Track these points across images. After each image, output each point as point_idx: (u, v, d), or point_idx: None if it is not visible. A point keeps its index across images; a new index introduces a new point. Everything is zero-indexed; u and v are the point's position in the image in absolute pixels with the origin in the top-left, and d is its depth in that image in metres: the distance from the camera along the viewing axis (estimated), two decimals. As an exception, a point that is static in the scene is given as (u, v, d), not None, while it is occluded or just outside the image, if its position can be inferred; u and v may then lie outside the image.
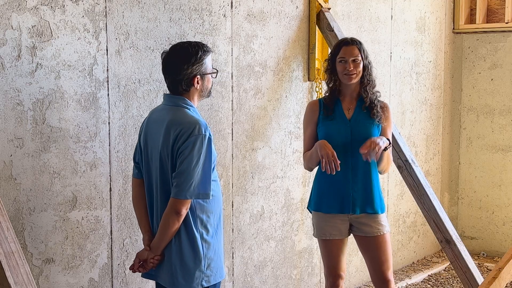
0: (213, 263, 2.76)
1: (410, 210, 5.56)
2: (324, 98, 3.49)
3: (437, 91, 5.79)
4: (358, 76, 3.37)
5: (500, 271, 3.51)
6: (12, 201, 2.84)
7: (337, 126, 3.39)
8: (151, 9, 3.36)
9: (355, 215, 3.40)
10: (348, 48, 3.37)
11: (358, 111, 3.39)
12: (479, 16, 5.86)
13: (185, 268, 2.71)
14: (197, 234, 2.71)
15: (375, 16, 4.97)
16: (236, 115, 3.90)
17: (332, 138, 3.37)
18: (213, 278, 2.76)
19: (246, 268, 4.07)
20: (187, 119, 2.68)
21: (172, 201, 2.66)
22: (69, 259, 3.08)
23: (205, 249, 2.73)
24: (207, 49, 2.78)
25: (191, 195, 2.64)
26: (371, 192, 3.39)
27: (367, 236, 3.41)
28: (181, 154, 2.64)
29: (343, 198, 3.39)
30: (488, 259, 5.89)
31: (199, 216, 2.72)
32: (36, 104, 2.89)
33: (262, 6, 4.01)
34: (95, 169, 3.14)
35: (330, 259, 3.47)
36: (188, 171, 2.62)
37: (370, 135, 3.34)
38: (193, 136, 2.63)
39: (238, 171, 3.95)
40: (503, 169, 5.88)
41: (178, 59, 2.73)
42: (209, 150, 2.66)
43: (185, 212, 2.66)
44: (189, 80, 2.73)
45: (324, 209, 3.43)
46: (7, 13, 2.76)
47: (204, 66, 2.75)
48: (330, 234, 3.43)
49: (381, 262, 3.43)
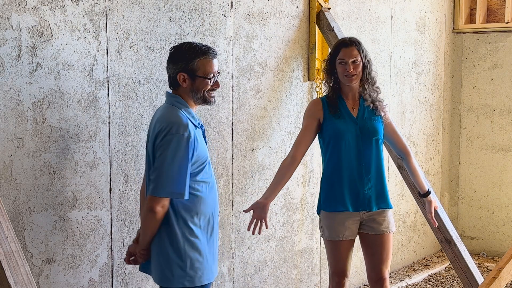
0: (198, 264, 2.75)
1: (410, 210, 5.56)
2: (327, 97, 3.47)
3: (437, 91, 5.80)
4: (358, 77, 3.38)
5: (500, 271, 3.52)
6: (12, 201, 2.84)
7: (346, 124, 3.39)
8: (151, 9, 3.36)
9: (369, 212, 3.41)
10: (347, 49, 3.37)
11: (362, 109, 3.42)
12: (479, 16, 5.86)
13: (167, 265, 2.74)
14: (179, 232, 2.72)
15: (375, 16, 4.97)
16: (236, 115, 3.90)
17: (343, 136, 3.38)
18: (197, 280, 2.75)
19: (246, 268, 4.07)
20: (170, 118, 2.70)
21: (148, 197, 2.70)
22: (69, 259, 3.08)
23: (188, 249, 2.73)
24: (205, 51, 2.77)
25: (164, 193, 2.66)
26: (384, 187, 3.46)
27: (375, 234, 3.44)
28: (158, 152, 2.68)
29: (358, 196, 3.39)
30: (488, 259, 5.89)
31: (181, 216, 2.73)
32: (36, 104, 2.89)
33: (262, 6, 4.01)
34: (95, 169, 3.14)
35: (340, 260, 3.46)
36: (161, 169, 2.65)
37: (377, 132, 3.41)
38: (170, 135, 2.65)
39: (238, 171, 3.95)
40: (503, 169, 5.88)
41: (173, 53, 2.81)
42: (186, 150, 2.65)
43: (160, 209, 2.67)
44: (174, 77, 2.79)
45: (339, 208, 3.39)
46: (7, 13, 2.76)
47: (191, 66, 2.74)
48: (343, 235, 3.41)
49: (382, 260, 3.47)
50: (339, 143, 3.39)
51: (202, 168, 2.78)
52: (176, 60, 2.77)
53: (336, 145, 3.40)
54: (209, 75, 2.77)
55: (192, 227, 2.74)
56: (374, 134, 3.40)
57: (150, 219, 2.70)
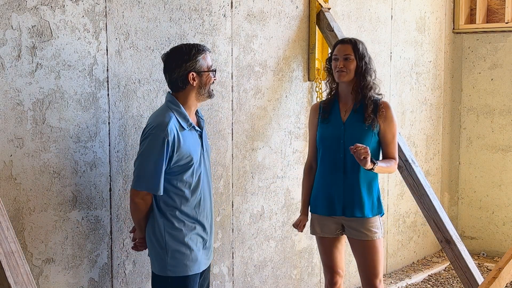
0: (179, 255, 2.89)
1: (410, 210, 5.56)
2: (323, 101, 3.53)
3: (437, 91, 5.79)
4: (349, 74, 3.34)
5: (500, 271, 3.52)
6: (12, 201, 2.84)
7: (331, 129, 3.41)
8: (151, 9, 3.36)
9: (345, 218, 3.42)
10: (342, 46, 3.39)
11: (353, 114, 3.38)
12: (479, 16, 5.86)
13: (153, 254, 2.94)
14: (161, 224, 2.89)
15: (375, 16, 4.97)
16: (236, 115, 3.90)
17: (325, 141, 3.42)
18: (181, 270, 2.90)
19: (246, 268, 4.07)
20: (156, 117, 2.88)
21: (130, 189, 2.92)
22: (69, 259, 3.08)
23: (169, 240, 2.89)
24: (202, 48, 2.92)
25: (141, 187, 2.84)
26: (361, 196, 3.37)
27: (356, 239, 3.43)
28: (140, 145, 2.88)
29: (333, 201, 3.42)
30: (488, 259, 5.89)
31: (162, 210, 2.90)
32: (36, 104, 2.89)
33: (262, 6, 4.01)
34: (95, 169, 3.14)
35: (325, 256, 3.54)
36: (139, 164, 2.85)
37: (362, 139, 3.30)
38: (148, 133, 2.82)
39: (238, 171, 3.95)
40: (503, 169, 5.88)
41: (173, 58, 2.90)
42: (161, 149, 2.79)
43: (140, 201, 2.86)
44: (184, 77, 2.88)
45: (318, 211, 3.50)
46: (7, 13, 2.76)
47: (199, 64, 2.89)
48: (321, 232, 3.50)
49: (369, 268, 3.41)
50: (324, 148, 3.44)
51: (187, 169, 2.88)
52: (182, 62, 2.87)
53: (322, 150, 3.46)
54: (211, 68, 2.94)
55: (173, 221, 2.90)
56: (358, 141, 3.26)
57: (133, 209, 2.92)
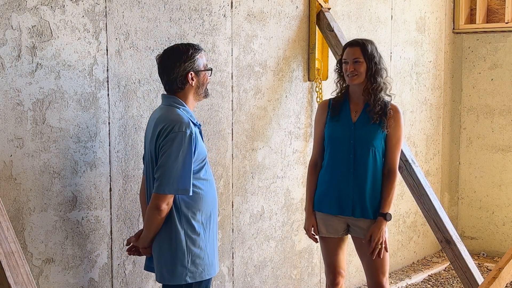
0: (199, 260, 2.80)
1: (410, 210, 5.56)
2: (334, 98, 3.51)
3: (437, 91, 5.79)
4: (359, 77, 3.35)
5: (500, 271, 3.52)
6: (12, 201, 2.84)
7: (341, 128, 3.39)
8: (151, 9, 3.36)
9: (353, 218, 3.40)
10: (351, 49, 3.38)
11: (364, 114, 3.38)
12: (479, 16, 5.85)
13: (168, 262, 2.79)
14: (181, 230, 2.78)
15: (375, 16, 4.97)
16: (236, 115, 3.90)
17: (334, 141, 3.40)
18: (198, 275, 2.81)
19: (246, 268, 4.07)
20: (171, 117, 2.77)
21: (153, 195, 2.75)
22: (69, 259, 3.08)
23: (190, 245, 2.78)
24: (198, 47, 2.89)
25: (170, 190, 2.71)
26: (371, 197, 3.37)
27: (363, 239, 3.41)
28: (162, 150, 2.73)
29: (342, 200, 3.40)
30: (488, 259, 5.89)
31: (184, 213, 2.79)
32: (36, 104, 2.89)
33: (262, 6, 4.01)
34: (95, 169, 3.14)
35: (329, 257, 3.52)
36: (166, 166, 2.70)
37: (373, 140, 3.32)
38: (173, 133, 2.71)
39: (238, 171, 3.95)
40: (503, 169, 5.88)
41: (170, 58, 2.85)
42: (190, 147, 2.72)
43: (165, 207, 2.72)
44: (183, 77, 2.83)
45: (325, 209, 3.46)
46: (7, 13, 2.76)
47: (196, 63, 2.85)
48: (326, 232, 3.47)
49: (376, 267, 3.41)
50: (333, 147, 3.42)
51: (203, 165, 2.85)
52: (180, 62, 2.82)
53: (330, 148, 3.44)
54: (207, 67, 2.91)
55: (194, 224, 2.80)
56: (368, 143, 3.32)
57: (155, 217, 2.75)
